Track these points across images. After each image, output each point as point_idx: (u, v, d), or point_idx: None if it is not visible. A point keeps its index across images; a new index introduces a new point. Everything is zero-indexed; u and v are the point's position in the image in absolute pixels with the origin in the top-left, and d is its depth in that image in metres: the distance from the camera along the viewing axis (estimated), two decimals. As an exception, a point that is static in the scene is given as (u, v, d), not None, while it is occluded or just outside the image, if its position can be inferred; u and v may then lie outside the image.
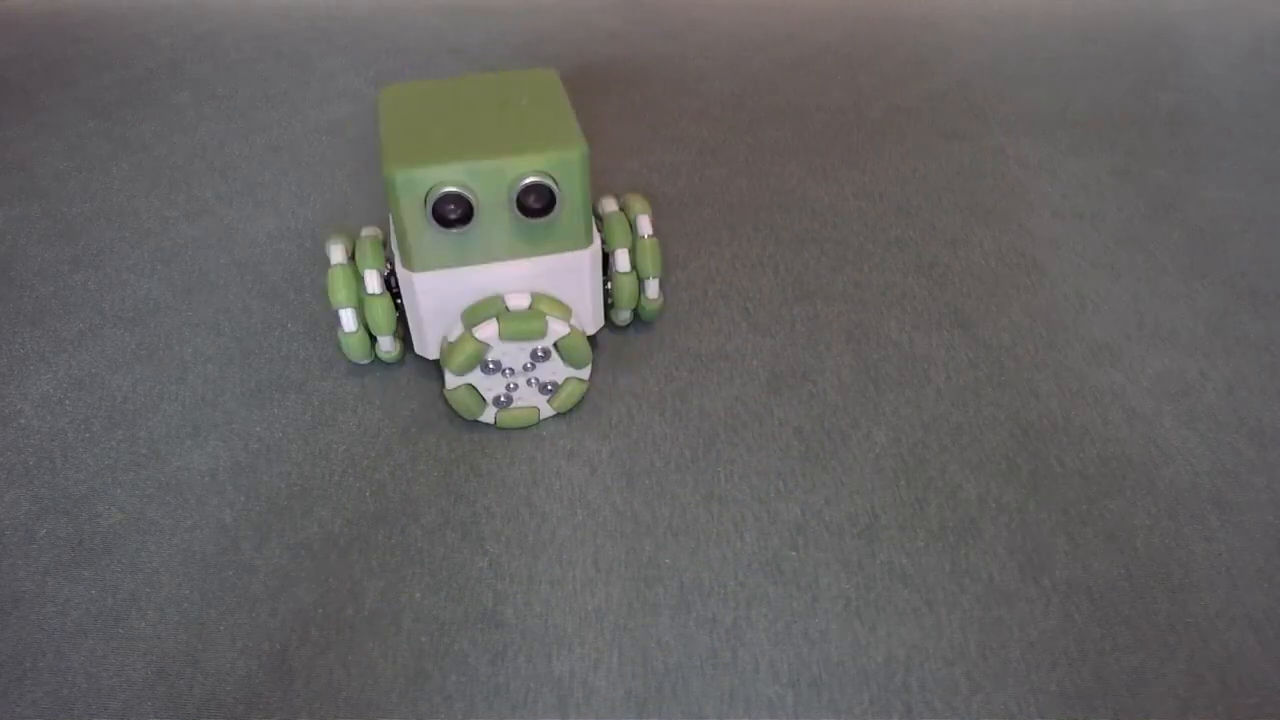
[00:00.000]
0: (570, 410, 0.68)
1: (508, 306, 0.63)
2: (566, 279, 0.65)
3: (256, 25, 1.27)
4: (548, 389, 0.65)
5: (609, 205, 0.71)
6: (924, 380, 0.70)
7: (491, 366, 0.64)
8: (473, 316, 0.62)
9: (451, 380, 0.64)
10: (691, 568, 0.58)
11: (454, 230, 0.60)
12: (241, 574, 0.58)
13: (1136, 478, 0.63)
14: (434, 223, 0.59)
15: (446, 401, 0.68)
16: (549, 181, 0.59)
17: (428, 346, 0.67)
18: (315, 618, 0.56)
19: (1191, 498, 0.62)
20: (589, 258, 0.65)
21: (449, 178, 0.59)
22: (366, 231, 0.69)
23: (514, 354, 0.63)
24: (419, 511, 0.62)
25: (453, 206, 0.59)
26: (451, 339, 0.63)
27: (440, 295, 0.64)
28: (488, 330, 0.62)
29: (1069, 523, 0.60)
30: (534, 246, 0.63)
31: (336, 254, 0.67)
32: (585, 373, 0.66)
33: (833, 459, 0.65)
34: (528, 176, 0.59)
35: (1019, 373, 0.71)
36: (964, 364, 0.72)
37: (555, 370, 0.64)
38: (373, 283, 0.66)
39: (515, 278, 0.64)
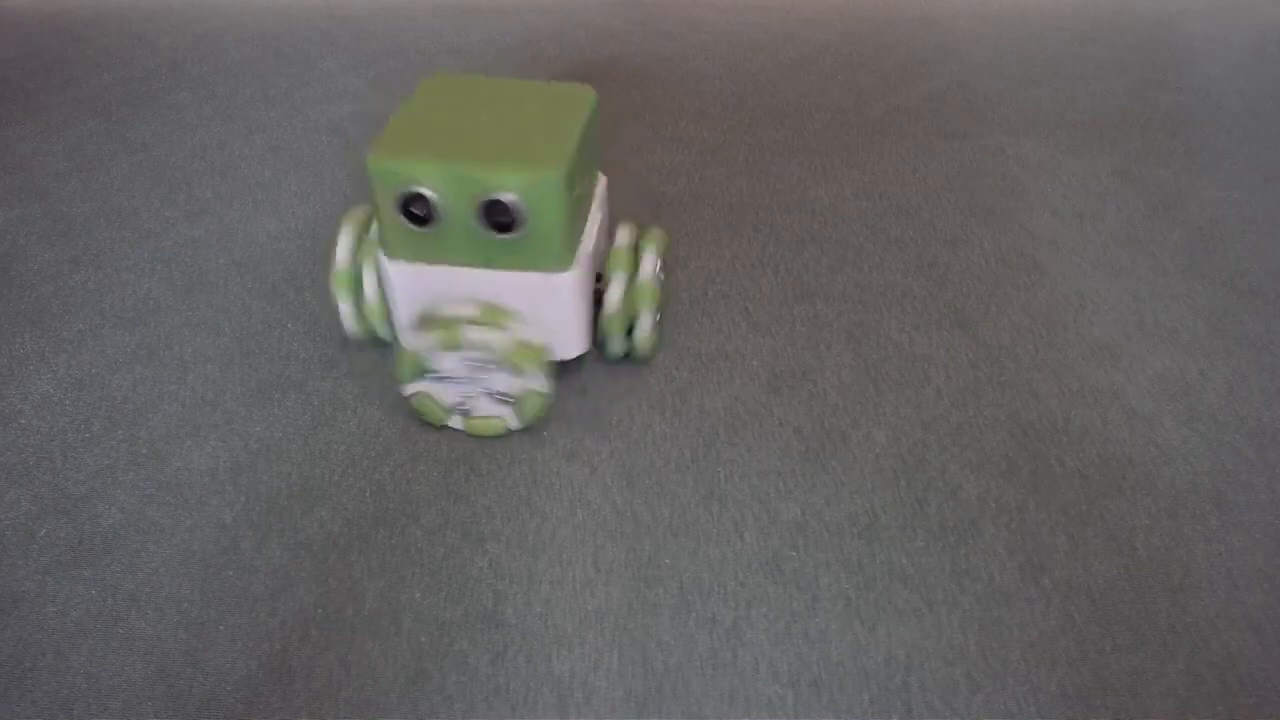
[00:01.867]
0: (537, 423, 0.66)
1: (443, 315, 0.62)
2: (541, 299, 0.63)
3: (256, 25, 1.28)
4: (506, 400, 0.64)
5: (622, 237, 0.68)
6: (924, 380, 0.70)
7: (440, 376, 0.63)
8: (418, 322, 0.63)
9: (405, 387, 0.64)
10: (691, 568, 0.58)
11: (419, 228, 0.60)
12: (241, 574, 0.58)
13: (1136, 478, 0.63)
14: (400, 216, 0.60)
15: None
16: (514, 200, 0.58)
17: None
18: (315, 618, 0.56)
19: (1191, 498, 0.62)
20: (569, 281, 0.63)
21: (418, 176, 0.59)
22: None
23: (456, 363, 0.62)
24: (419, 511, 0.62)
25: (416, 206, 0.60)
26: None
27: (411, 287, 0.64)
28: (421, 340, 0.62)
29: (1069, 523, 0.60)
30: (504, 260, 0.62)
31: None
32: (541, 384, 0.63)
33: (833, 459, 0.65)
34: (494, 192, 0.58)
35: (1019, 373, 0.71)
36: (964, 364, 0.72)
37: (509, 382, 0.63)
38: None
39: (485, 285, 0.63)
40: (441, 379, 0.63)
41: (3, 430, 0.68)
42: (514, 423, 0.66)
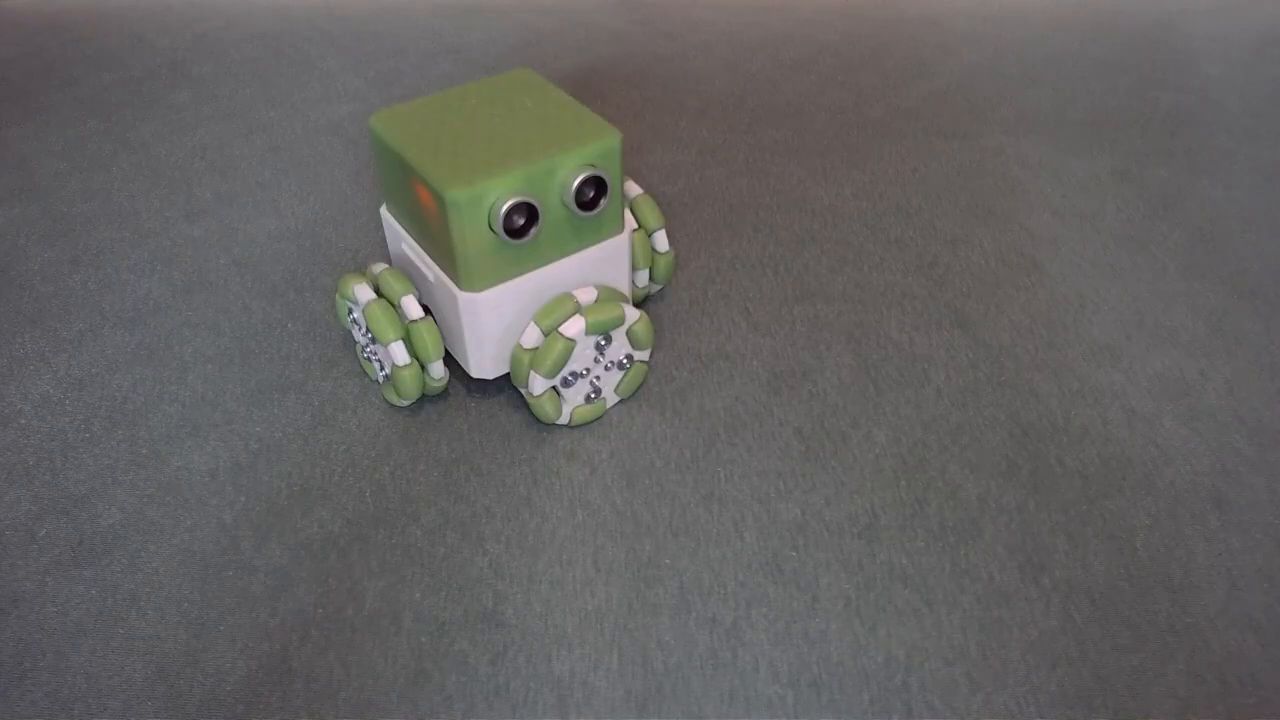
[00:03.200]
0: (634, 394, 0.69)
1: (581, 302, 0.63)
2: (606, 265, 0.65)
3: (256, 25, 1.28)
4: (622, 365, 0.66)
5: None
6: (924, 380, 0.70)
7: (570, 378, 0.64)
8: (549, 318, 0.62)
9: (540, 385, 0.63)
10: (691, 568, 0.58)
11: (518, 240, 0.59)
12: (241, 574, 0.58)
13: (1136, 478, 0.63)
14: (503, 235, 0.58)
15: (530, 409, 0.67)
16: (601, 172, 0.60)
17: (488, 366, 0.65)
18: (315, 618, 0.56)
19: (1191, 498, 0.62)
20: (625, 241, 0.65)
21: (511, 187, 0.57)
22: (377, 267, 0.66)
23: (585, 352, 0.64)
24: (419, 511, 0.62)
25: (519, 215, 0.58)
26: (528, 344, 0.62)
27: (502, 310, 0.62)
28: (575, 326, 0.62)
29: (1069, 523, 0.60)
30: (581, 240, 0.63)
31: (364, 292, 0.64)
32: (646, 354, 0.68)
33: (833, 459, 0.65)
34: (582, 171, 0.59)
35: (1019, 373, 0.71)
36: (964, 364, 0.72)
37: (619, 352, 0.66)
38: (414, 308, 0.64)
39: (567, 275, 0.64)
40: (571, 382, 0.64)
41: (3, 430, 0.68)
42: (613, 399, 0.68)
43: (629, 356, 0.67)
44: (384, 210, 0.67)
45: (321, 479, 0.64)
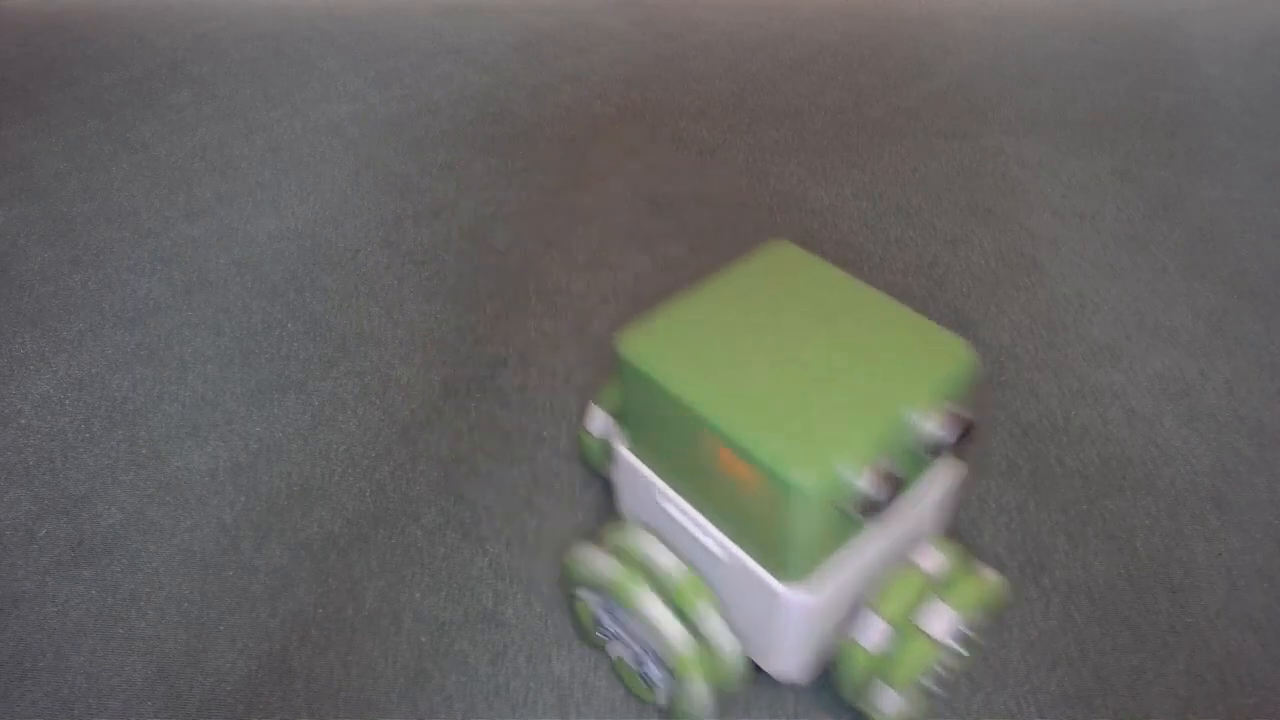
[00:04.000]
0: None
1: (930, 573, 0.46)
2: (935, 507, 0.50)
3: (256, 25, 1.28)
4: (960, 648, 0.48)
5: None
6: (924, 380, 0.70)
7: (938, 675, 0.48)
8: (894, 604, 0.45)
9: (893, 703, 0.46)
10: (691, 568, 0.58)
11: (875, 517, 0.42)
12: (241, 574, 0.58)
13: (1136, 478, 0.63)
14: (857, 516, 0.42)
15: None
16: (966, 412, 0.44)
17: (806, 668, 0.49)
18: (315, 618, 0.56)
19: (1191, 498, 0.61)
20: (957, 473, 0.50)
21: (865, 453, 0.41)
22: (649, 545, 0.48)
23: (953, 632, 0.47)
24: (419, 511, 0.62)
25: (886, 489, 0.41)
26: (871, 646, 0.45)
27: (829, 598, 0.45)
28: (942, 622, 0.45)
29: (1069, 523, 0.60)
30: (910, 483, 0.47)
31: (651, 602, 0.46)
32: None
33: (833, 459, 0.64)
34: (939, 410, 0.43)
35: (1019, 373, 0.71)
36: (964, 364, 0.72)
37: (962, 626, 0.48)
38: (720, 630, 0.47)
39: (896, 530, 0.47)
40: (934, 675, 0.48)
41: (3, 430, 0.68)
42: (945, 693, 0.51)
43: (969, 633, 0.48)
44: (619, 447, 0.50)
45: (321, 479, 0.64)
